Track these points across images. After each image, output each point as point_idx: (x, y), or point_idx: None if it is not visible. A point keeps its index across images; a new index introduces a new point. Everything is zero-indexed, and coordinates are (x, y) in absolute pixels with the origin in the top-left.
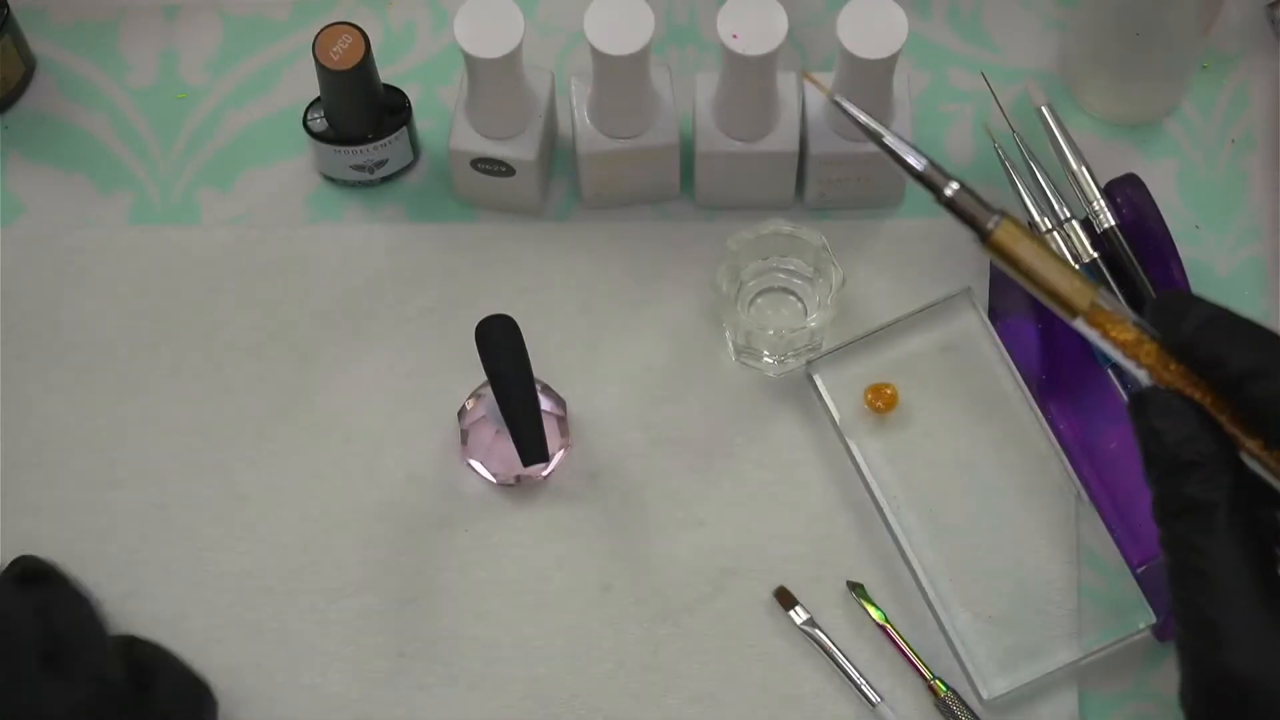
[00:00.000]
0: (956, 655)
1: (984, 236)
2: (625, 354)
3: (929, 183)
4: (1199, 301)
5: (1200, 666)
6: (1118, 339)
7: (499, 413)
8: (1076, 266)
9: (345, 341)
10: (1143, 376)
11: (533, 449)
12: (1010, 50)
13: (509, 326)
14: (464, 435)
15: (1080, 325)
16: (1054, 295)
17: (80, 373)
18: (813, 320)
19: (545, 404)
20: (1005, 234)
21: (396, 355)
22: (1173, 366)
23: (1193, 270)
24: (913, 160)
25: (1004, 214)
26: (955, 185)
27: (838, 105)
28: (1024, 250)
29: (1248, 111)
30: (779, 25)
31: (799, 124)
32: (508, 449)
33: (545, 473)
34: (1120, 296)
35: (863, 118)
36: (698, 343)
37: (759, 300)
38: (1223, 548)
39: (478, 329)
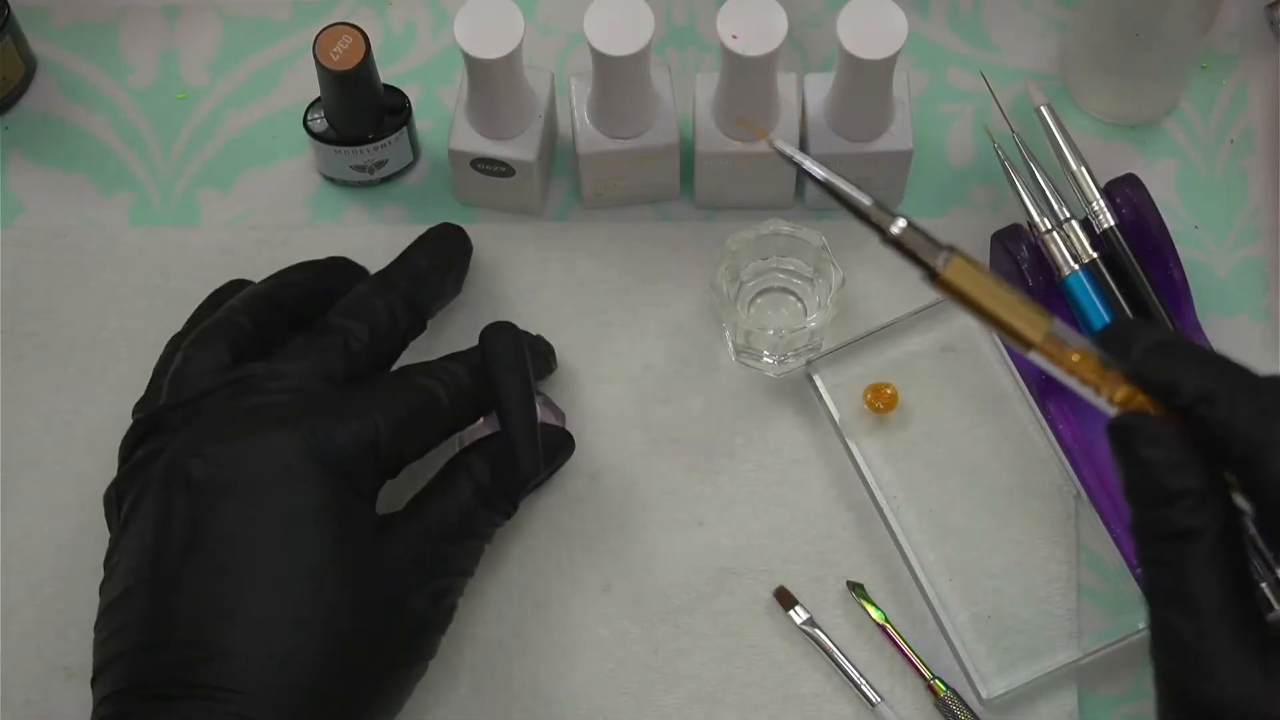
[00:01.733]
0: (956, 655)
1: (932, 276)
2: (625, 354)
3: (873, 222)
4: (1148, 327)
5: (1178, 693)
6: (1075, 369)
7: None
8: (1066, 272)
9: None
10: (1103, 405)
11: (528, 458)
12: (1010, 50)
13: (512, 335)
14: (460, 440)
15: (1036, 358)
16: (1008, 330)
17: (80, 373)
18: (813, 320)
19: (545, 415)
20: (955, 271)
21: None
22: (1125, 394)
23: (1192, 270)
24: (856, 197)
25: (953, 249)
26: (901, 223)
27: (776, 150)
28: (974, 287)
29: (1247, 111)
30: (779, 25)
31: (799, 124)
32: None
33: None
34: (1124, 299)
35: (804, 162)
36: (698, 343)
37: (759, 300)
38: (1207, 575)
39: (482, 336)
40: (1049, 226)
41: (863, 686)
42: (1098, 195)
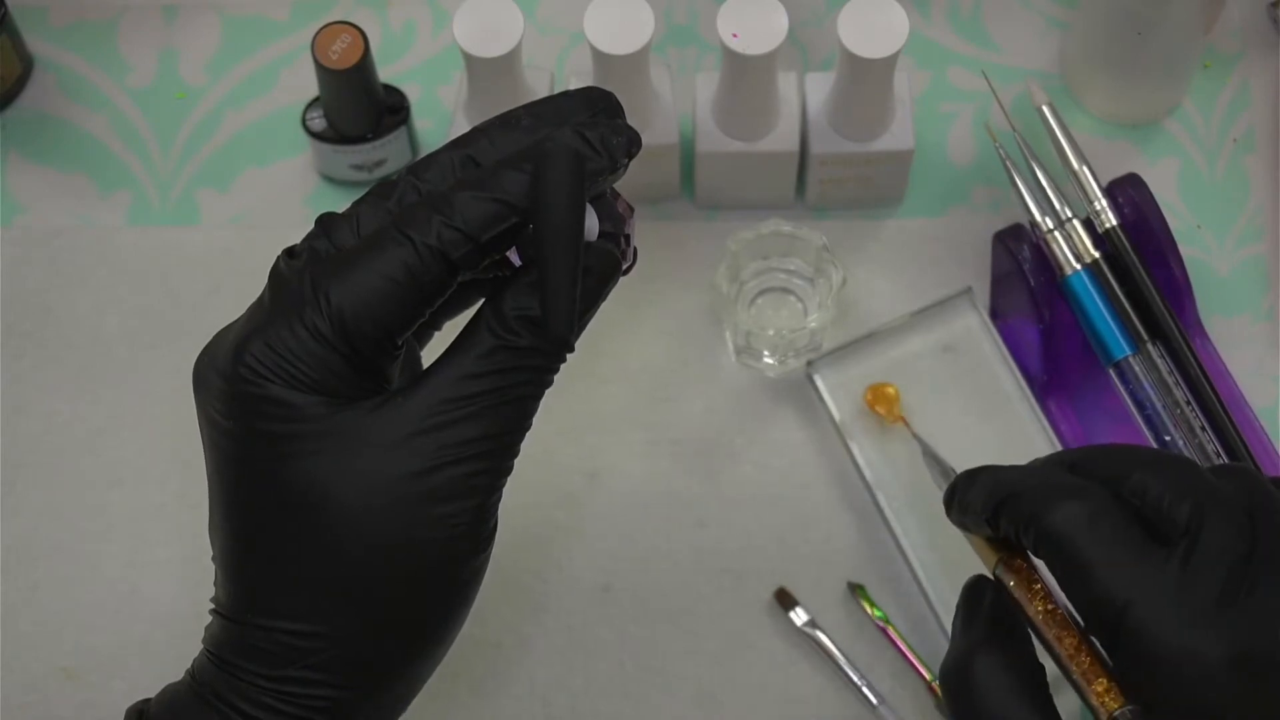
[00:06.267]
0: None
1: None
2: (625, 354)
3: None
4: (958, 482)
5: None
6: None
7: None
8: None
9: None
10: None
11: (561, 317)
12: (1011, 50)
13: (572, 168)
14: None
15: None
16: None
17: (79, 373)
18: (813, 320)
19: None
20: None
21: None
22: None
23: (1194, 270)
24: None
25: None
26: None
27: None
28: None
29: (1249, 111)
30: (779, 25)
31: (799, 124)
32: None
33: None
34: (1126, 299)
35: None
36: (698, 343)
37: (759, 300)
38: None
39: (538, 152)
40: (1051, 226)
41: (863, 688)
42: (1099, 194)
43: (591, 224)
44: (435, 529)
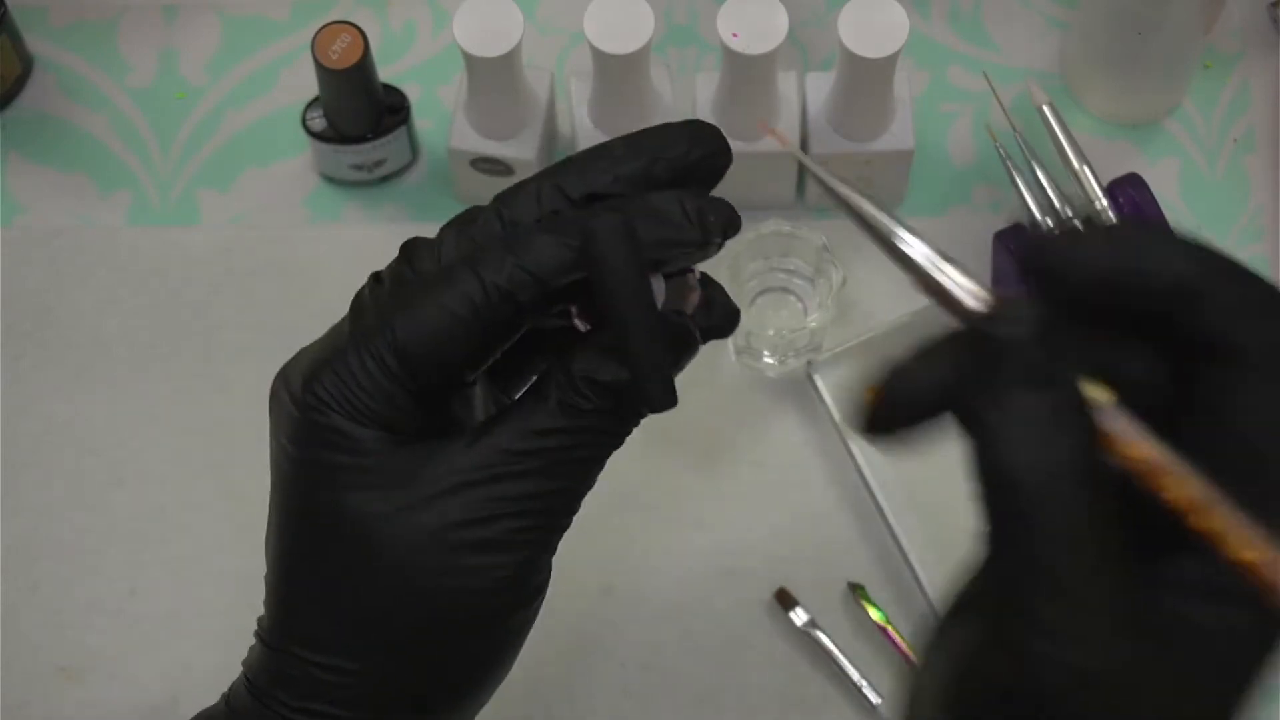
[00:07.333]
0: None
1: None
2: None
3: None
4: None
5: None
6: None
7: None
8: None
9: None
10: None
11: (655, 386)
12: (1011, 50)
13: (624, 242)
14: None
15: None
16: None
17: (80, 373)
18: (813, 320)
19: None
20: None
21: None
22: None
23: None
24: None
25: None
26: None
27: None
28: None
29: (1249, 111)
30: (779, 24)
31: (799, 124)
32: None
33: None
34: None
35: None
36: None
37: (759, 300)
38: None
39: (585, 237)
40: (1051, 226)
41: (864, 688)
42: (1100, 194)
43: (659, 295)
44: (477, 580)
